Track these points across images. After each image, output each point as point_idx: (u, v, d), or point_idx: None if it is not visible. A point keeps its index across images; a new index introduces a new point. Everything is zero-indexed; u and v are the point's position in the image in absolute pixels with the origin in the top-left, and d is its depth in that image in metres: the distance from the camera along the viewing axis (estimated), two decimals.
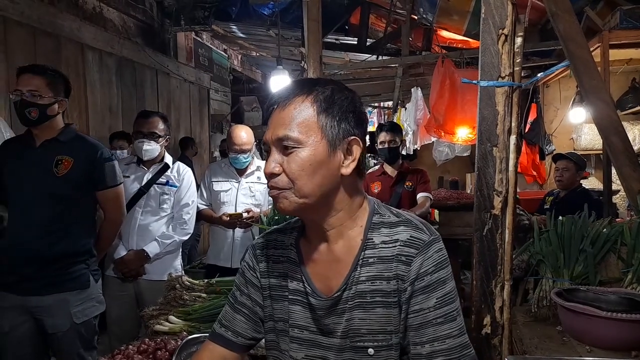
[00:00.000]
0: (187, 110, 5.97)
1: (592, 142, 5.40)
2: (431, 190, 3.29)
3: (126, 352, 1.39)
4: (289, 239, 1.00)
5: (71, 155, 1.99)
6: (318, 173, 0.85)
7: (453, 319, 0.86)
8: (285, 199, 0.86)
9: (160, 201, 2.56)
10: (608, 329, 1.33)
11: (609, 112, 2.07)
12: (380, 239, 0.90)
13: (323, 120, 0.86)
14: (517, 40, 1.30)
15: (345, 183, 0.90)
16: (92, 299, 2.07)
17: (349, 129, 0.88)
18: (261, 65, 9.06)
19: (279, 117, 0.87)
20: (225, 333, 1.02)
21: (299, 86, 0.89)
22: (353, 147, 0.89)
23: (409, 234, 0.88)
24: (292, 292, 0.96)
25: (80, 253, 2.03)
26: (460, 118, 3.80)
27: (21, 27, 3.33)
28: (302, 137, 0.85)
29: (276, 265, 0.99)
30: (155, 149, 2.54)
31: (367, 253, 0.90)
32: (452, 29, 4.96)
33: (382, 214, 0.93)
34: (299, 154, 0.85)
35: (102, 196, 2.12)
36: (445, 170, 6.63)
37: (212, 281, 1.96)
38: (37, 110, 1.92)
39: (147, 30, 5.21)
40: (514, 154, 1.33)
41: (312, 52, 2.61)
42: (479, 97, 1.35)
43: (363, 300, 0.89)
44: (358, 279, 0.89)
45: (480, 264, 1.35)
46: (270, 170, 0.86)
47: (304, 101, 0.86)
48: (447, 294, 0.86)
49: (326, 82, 0.91)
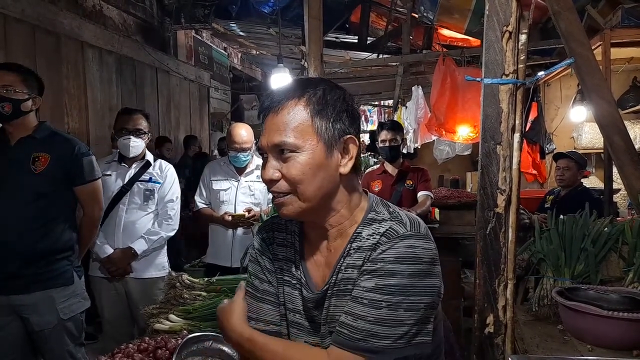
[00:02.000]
0: (187, 108, 5.97)
1: (592, 141, 5.40)
2: (432, 189, 3.28)
3: (126, 350, 1.39)
4: (292, 225, 1.00)
5: (47, 152, 1.99)
6: (318, 176, 0.85)
7: (378, 307, 0.82)
8: (290, 204, 0.87)
9: (145, 198, 2.56)
10: (609, 328, 1.33)
11: (610, 111, 2.07)
12: (367, 232, 0.90)
13: (318, 122, 0.85)
14: (522, 37, 1.29)
15: (343, 182, 0.90)
16: (77, 295, 2.07)
17: (344, 128, 0.88)
18: (261, 63, 9.06)
19: (272, 122, 0.86)
20: (256, 325, 0.98)
21: (290, 89, 0.88)
22: (349, 145, 0.89)
23: (389, 226, 0.87)
24: (292, 277, 0.97)
25: (63, 249, 2.03)
26: (461, 117, 3.80)
27: (21, 25, 3.33)
28: (299, 142, 0.84)
29: (280, 248, 1.00)
30: (140, 145, 2.54)
31: (353, 245, 0.90)
32: (453, 28, 4.95)
33: (378, 212, 0.92)
34: (297, 159, 0.85)
35: (79, 191, 2.10)
36: (446, 169, 6.62)
37: (212, 280, 1.96)
38: (10, 104, 1.92)
39: (147, 28, 5.20)
40: (518, 152, 1.32)
41: (313, 50, 2.60)
42: (482, 94, 1.34)
43: (338, 289, 0.90)
44: (339, 269, 0.90)
45: (484, 263, 1.34)
46: (269, 176, 0.86)
47: (297, 105, 0.86)
48: (391, 285, 0.82)
49: (317, 82, 0.90)
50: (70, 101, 3.81)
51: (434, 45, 5.34)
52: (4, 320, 1.95)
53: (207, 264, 3.01)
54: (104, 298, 2.52)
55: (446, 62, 3.93)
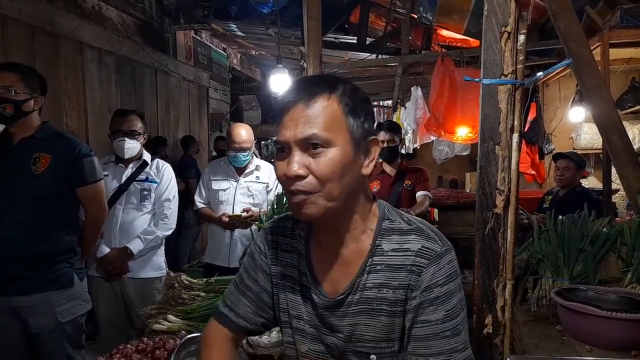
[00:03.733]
0: (186, 109, 5.96)
1: (591, 141, 5.40)
2: (430, 189, 3.28)
3: (124, 351, 1.38)
4: (300, 230, 0.98)
5: (48, 152, 1.96)
6: (347, 175, 0.82)
7: (459, 332, 0.85)
8: (314, 204, 0.81)
9: (141, 197, 2.55)
10: (608, 329, 1.33)
11: (609, 111, 2.07)
12: (390, 247, 0.87)
13: (350, 120, 0.83)
14: (520, 38, 1.29)
15: (362, 185, 0.88)
16: (77, 298, 2.04)
17: (370, 129, 0.87)
18: (260, 64, 9.05)
19: (302, 114, 0.81)
20: (229, 313, 1.01)
21: (320, 83, 0.84)
22: (372, 147, 0.87)
23: (421, 244, 0.86)
24: (297, 284, 0.95)
25: (63, 251, 2.00)
26: (460, 117, 3.80)
27: (19, 25, 3.32)
28: (332, 137, 0.80)
29: (284, 253, 0.98)
30: (135, 147, 2.54)
31: (375, 260, 0.88)
32: (452, 28, 4.96)
33: (393, 220, 0.90)
34: (328, 155, 0.80)
35: (82, 193, 2.07)
36: (445, 169, 6.63)
37: (210, 280, 1.96)
38: (11, 106, 1.89)
39: (146, 28, 5.20)
40: (517, 153, 1.32)
41: (312, 51, 2.60)
42: (481, 95, 1.34)
43: (368, 307, 0.87)
44: (365, 285, 0.88)
45: (482, 263, 1.34)
46: (295, 172, 0.80)
47: (329, 99, 0.82)
48: (455, 307, 0.85)
49: (344, 80, 0.88)
50: (69, 102, 3.81)
51: (433, 46, 5.34)
52: (3, 322, 1.93)
53: (206, 264, 3.01)
54: (100, 297, 2.51)
55: (445, 63, 3.94)
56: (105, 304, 2.53)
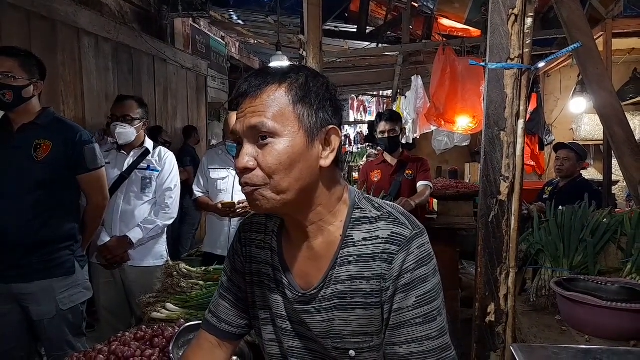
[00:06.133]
0: (184, 97, 5.92)
1: (591, 132, 5.39)
2: (431, 179, 3.27)
3: (123, 338, 1.38)
4: (272, 225, 0.96)
5: (49, 139, 1.95)
6: (296, 166, 0.79)
7: (433, 319, 0.81)
8: (262, 196, 0.79)
9: (143, 186, 2.53)
10: (607, 319, 1.33)
11: (611, 101, 2.05)
12: (361, 236, 0.84)
13: (300, 109, 0.79)
14: (527, 21, 1.26)
15: (323, 176, 0.84)
16: (79, 285, 2.04)
17: (327, 118, 0.83)
18: (259, 52, 8.98)
19: (250, 106, 0.80)
20: (211, 319, 1.00)
21: (270, 74, 0.82)
22: (332, 137, 0.83)
23: (390, 230, 0.83)
24: (272, 281, 0.93)
25: (65, 239, 2.00)
26: (461, 107, 3.77)
27: (15, 11, 3.27)
28: (278, 127, 0.78)
29: (258, 250, 0.96)
30: (129, 132, 2.49)
31: (346, 251, 0.85)
32: (453, 17, 4.92)
33: (363, 209, 0.87)
34: (275, 146, 0.78)
35: (83, 180, 2.07)
36: (444, 160, 6.62)
37: (209, 269, 1.95)
38: (11, 92, 1.87)
39: (144, 16, 5.14)
40: (522, 139, 1.29)
41: (312, 38, 2.56)
42: (486, 79, 1.31)
43: (343, 301, 0.85)
44: (337, 279, 0.85)
45: (486, 251, 1.32)
46: (244, 164, 0.78)
47: (278, 89, 0.79)
48: (427, 292, 0.81)
49: (299, 68, 0.85)
50: (66, 89, 3.77)
51: (434, 35, 5.30)
52: (4, 309, 1.93)
53: (205, 253, 3.00)
54: (101, 285, 2.50)
55: (446, 52, 3.90)
56: (106, 291, 2.52)
